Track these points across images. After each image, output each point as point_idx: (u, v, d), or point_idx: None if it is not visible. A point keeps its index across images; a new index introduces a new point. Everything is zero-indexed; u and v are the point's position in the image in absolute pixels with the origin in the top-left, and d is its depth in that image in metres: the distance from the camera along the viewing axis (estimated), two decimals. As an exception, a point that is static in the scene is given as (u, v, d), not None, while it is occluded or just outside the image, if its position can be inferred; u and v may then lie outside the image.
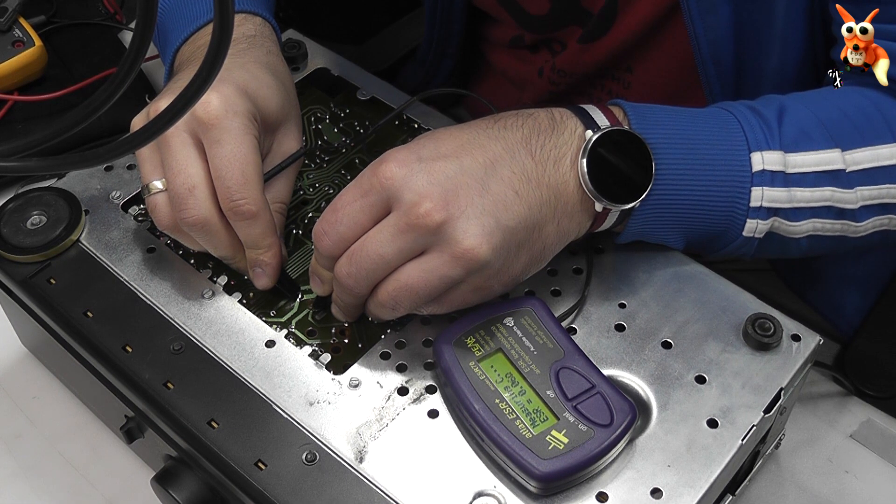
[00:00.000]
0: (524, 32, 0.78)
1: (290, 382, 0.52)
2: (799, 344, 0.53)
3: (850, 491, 0.59)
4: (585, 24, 0.72)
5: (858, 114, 0.57)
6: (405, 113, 0.67)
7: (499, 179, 0.50)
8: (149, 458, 0.60)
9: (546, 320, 0.51)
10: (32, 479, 0.61)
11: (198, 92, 0.34)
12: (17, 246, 0.57)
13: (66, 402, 0.64)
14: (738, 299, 0.55)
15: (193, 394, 0.51)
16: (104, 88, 0.34)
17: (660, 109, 0.56)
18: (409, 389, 0.51)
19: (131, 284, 0.56)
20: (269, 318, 0.55)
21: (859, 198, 0.55)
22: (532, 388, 0.49)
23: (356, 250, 0.50)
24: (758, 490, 0.59)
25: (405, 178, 0.48)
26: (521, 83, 0.82)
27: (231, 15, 0.32)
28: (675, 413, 0.50)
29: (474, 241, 0.48)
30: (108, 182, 0.62)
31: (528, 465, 0.46)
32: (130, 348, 0.53)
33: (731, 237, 0.56)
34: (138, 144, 0.36)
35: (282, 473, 0.48)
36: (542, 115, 0.53)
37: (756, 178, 0.54)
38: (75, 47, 0.84)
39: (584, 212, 0.53)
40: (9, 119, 0.78)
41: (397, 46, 1.00)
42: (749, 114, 0.56)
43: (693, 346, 0.53)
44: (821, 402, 0.64)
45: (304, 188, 0.63)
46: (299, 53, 0.70)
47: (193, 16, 0.63)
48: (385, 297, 0.50)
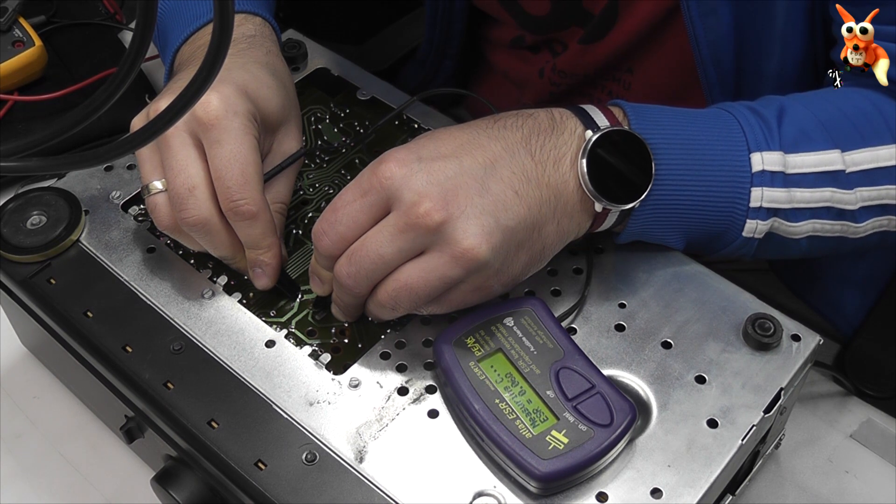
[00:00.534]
0: (525, 33, 0.78)
1: (290, 382, 0.52)
2: (799, 344, 0.53)
3: (850, 491, 0.59)
4: (586, 25, 0.72)
5: (858, 115, 0.57)
6: (405, 113, 0.66)
7: (498, 179, 0.50)
8: (149, 458, 0.60)
9: (546, 320, 0.51)
10: (32, 479, 0.61)
11: (198, 92, 0.34)
12: (17, 246, 0.57)
13: (66, 402, 0.64)
14: (738, 299, 0.55)
15: (193, 394, 0.51)
16: (104, 88, 0.34)
17: (660, 110, 0.56)
18: (409, 389, 0.51)
19: (131, 284, 0.56)
20: (269, 318, 0.55)
21: (859, 199, 0.56)
22: (532, 388, 0.49)
23: (356, 250, 0.50)
24: (758, 490, 0.59)
25: (405, 177, 0.48)
26: (522, 84, 0.82)
27: (231, 15, 0.32)
28: (675, 413, 0.50)
29: (474, 241, 0.48)
30: (108, 182, 0.62)
31: (528, 465, 0.46)
32: (130, 348, 0.53)
33: (730, 238, 0.56)
34: (138, 144, 0.36)
35: (282, 473, 0.48)
36: (542, 115, 0.53)
37: (756, 179, 0.54)
38: (75, 47, 0.84)
39: (583, 212, 0.53)
40: (9, 119, 0.78)
41: (397, 46, 1.00)
42: (749, 114, 0.56)
43: (693, 346, 0.53)
44: (821, 402, 0.64)
45: (304, 188, 0.63)
46: (299, 53, 0.70)
47: (193, 16, 0.63)
48: (385, 297, 0.50)
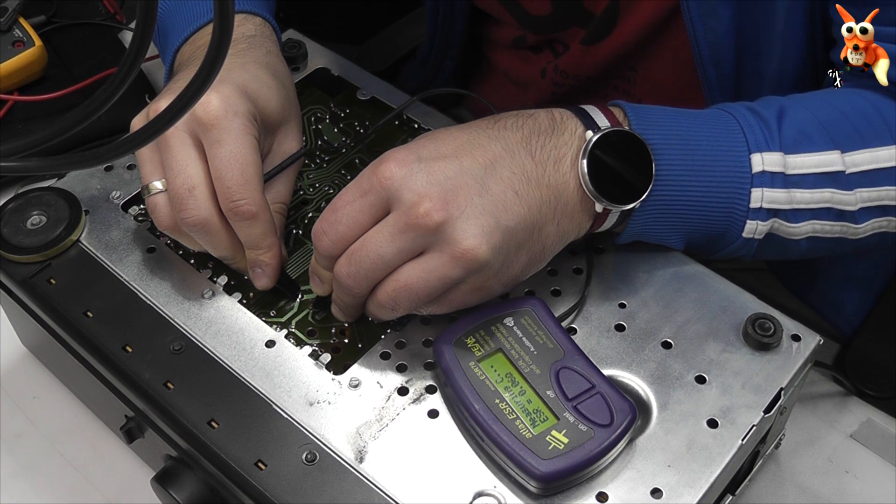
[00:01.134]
0: (526, 33, 0.78)
1: (290, 382, 0.52)
2: (799, 344, 0.53)
3: (850, 491, 0.59)
4: (587, 26, 0.72)
5: (858, 115, 0.57)
6: (405, 113, 0.66)
7: (498, 180, 0.50)
8: (149, 458, 0.60)
9: (546, 320, 0.51)
10: (32, 479, 0.61)
11: (198, 92, 0.34)
12: (17, 246, 0.57)
13: (66, 402, 0.64)
14: (738, 299, 0.55)
15: (193, 394, 0.51)
16: (104, 88, 0.34)
17: (660, 110, 0.56)
18: (409, 389, 0.51)
19: (131, 284, 0.56)
20: (269, 318, 0.55)
21: (859, 199, 0.56)
22: (532, 388, 0.49)
23: (355, 250, 0.50)
24: (758, 490, 0.59)
25: (405, 177, 0.48)
26: (524, 84, 0.82)
27: (231, 15, 0.32)
28: (675, 413, 0.50)
29: (474, 242, 0.48)
30: (108, 182, 0.62)
31: (528, 465, 0.46)
32: (130, 348, 0.53)
33: (730, 238, 0.56)
34: (138, 144, 0.36)
35: (282, 473, 0.48)
36: (543, 115, 0.53)
37: (756, 180, 0.54)
38: (75, 47, 0.84)
39: (584, 212, 0.53)
40: (9, 119, 0.78)
41: (397, 46, 1.00)
42: (749, 115, 0.56)
43: (693, 346, 0.53)
44: (821, 402, 0.64)
45: (304, 188, 0.63)
46: (299, 53, 0.70)
47: (193, 16, 0.63)
48: (384, 298, 0.50)
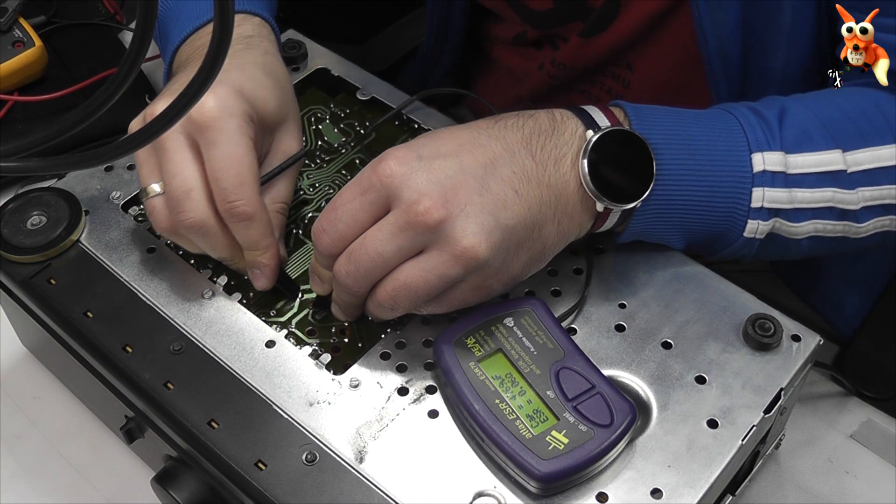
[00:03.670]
0: (527, 28, 0.78)
1: (290, 382, 0.52)
2: (799, 344, 0.53)
3: (850, 491, 0.59)
4: (587, 19, 0.72)
5: (859, 114, 0.57)
6: (405, 113, 0.66)
7: (499, 179, 0.50)
8: (149, 458, 0.60)
9: (546, 320, 0.51)
10: (32, 479, 0.61)
11: (198, 92, 0.34)
12: (17, 246, 0.57)
13: (66, 402, 0.64)
14: (738, 299, 0.55)
15: (193, 394, 0.51)
16: (104, 89, 0.34)
17: (661, 110, 0.56)
18: (409, 389, 0.51)
19: (131, 284, 0.56)
20: (269, 318, 0.55)
21: (860, 199, 0.55)
22: (532, 388, 0.49)
23: (355, 249, 0.50)
24: (758, 490, 0.59)
25: (405, 176, 0.48)
26: (522, 78, 0.82)
27: (231, 15, 0.32)
28: (675, 413, 0.50)
29: (473, 240, 0.48)
30: (108, 182, 0.62)
31: (528, 465, 0.46)
32: (130, 348, 0.53)
33: (731, 238, 0.55)
34: (138, 144, 0.36)
35: (282, 473, 0.48)
36: (543, 115, 0.53)
37: (757, 179, 0.54)
38: (75, 47, 0.84)
39: (584, 212, 0.52)
40: (9, 119, 0.78)
41: (398, 46, 1.00)
42: (750, 114, 0.56)
43: (693, 347, 0.53)
44: (821, 403, 0.64)
45: (304, 188, 0.63)
46: (299, 54, 0.70)
47: (193, 16, 0.63)
48: (384, 297, 0.50)
